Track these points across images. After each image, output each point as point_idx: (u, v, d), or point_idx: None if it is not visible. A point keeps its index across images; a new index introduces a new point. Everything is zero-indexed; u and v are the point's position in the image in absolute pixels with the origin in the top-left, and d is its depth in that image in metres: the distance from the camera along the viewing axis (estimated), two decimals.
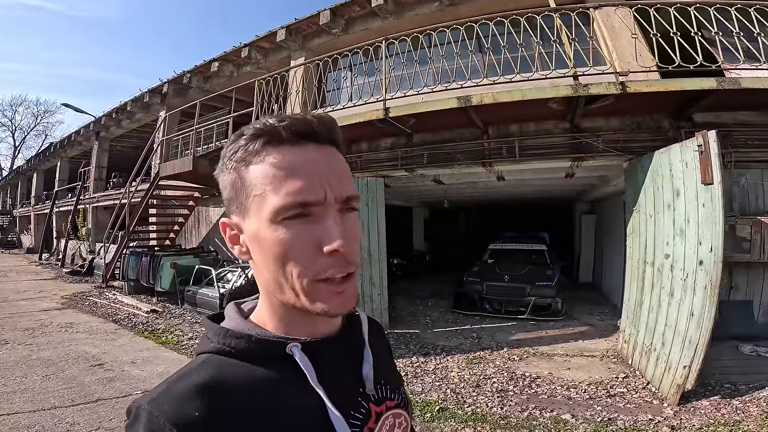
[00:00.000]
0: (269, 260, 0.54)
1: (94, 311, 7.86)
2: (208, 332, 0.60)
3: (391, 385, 0.69)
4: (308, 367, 0.56)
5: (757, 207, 4.96)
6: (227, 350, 0.57)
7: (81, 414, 3.62)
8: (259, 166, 0.54)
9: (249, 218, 0.56)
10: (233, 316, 0.62)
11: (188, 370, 0.55)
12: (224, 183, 0.58)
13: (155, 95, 11.69)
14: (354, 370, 0.65)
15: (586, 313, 7.20)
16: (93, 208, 15.58)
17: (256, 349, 0.57)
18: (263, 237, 0.54)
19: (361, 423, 0.60)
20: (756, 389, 3.69)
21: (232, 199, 0.57)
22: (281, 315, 0.59)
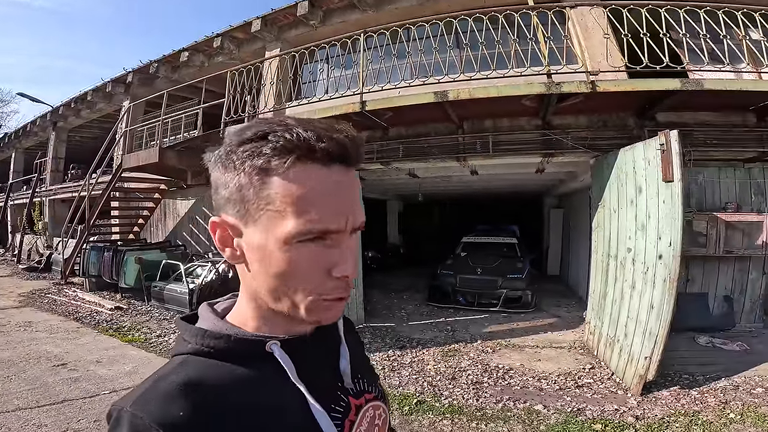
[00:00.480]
0: (271, 274, 0.53)
1: (53, 309, 7.46)
2: (184, 334, 0.59)
3: (367, 379, 0.70)
4: (288, 364, 0.56)
5: (713, 203, 5.27)
6: (206, 351, 0.56)
7: (47, 415, 3.50)
8: (283, 181, 0.50)
9: (254, 228, 0.53)
10: (209, 317, 0.61)
11: (167, 371, 0.54)
12: (225, 181, 0.53)
13: (118, 85, 11.14)
14: (331, 365, 0.66)
15: (554, 305, 7.46)
16: (50, 201, 14.86)
17: (236, 348, 0.56)
18: (270, 253, 0.52)
19: (342, 416, 0.61)
20: (712, 380, 3.91)
21: (234, 201, 0.53)
22: (265, 316, 0.59)
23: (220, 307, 0.66)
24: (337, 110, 5.31)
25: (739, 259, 5.20)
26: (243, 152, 0.51)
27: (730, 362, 4.27)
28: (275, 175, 0.50)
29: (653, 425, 3.20)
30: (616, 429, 3.17)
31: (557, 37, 4.78)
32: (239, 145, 0.51)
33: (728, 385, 3.79)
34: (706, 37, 4.21)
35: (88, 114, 13.52)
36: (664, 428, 3.15)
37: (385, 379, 4.34)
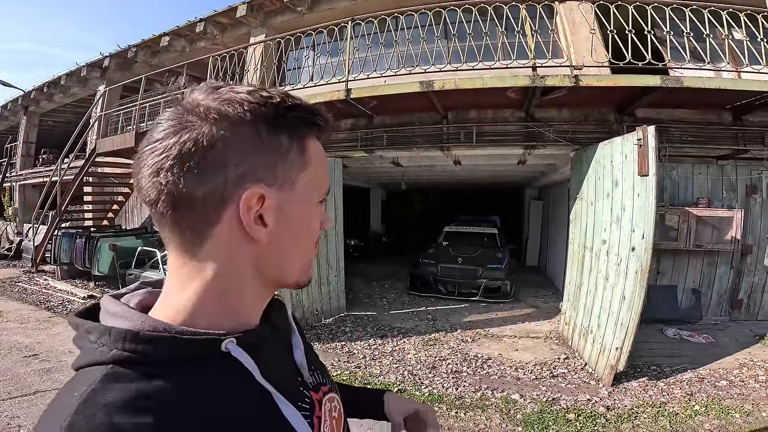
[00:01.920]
0: (301, 237, 0.55)
1: (24, 298, 7.21)
2: (100, 338, 0.46)
3: (320, 369, 0.68)
4: (250, 364, 0.50)
5: (685, 198, 5.44)
6: (136, 358, 0.44)
7: (19, 407, 3.43)
8: (317, 148, 0.56)
9: (290, 192, 0.52)
10: (131, 315, 0.48)
11: (90, 388, 0.41)
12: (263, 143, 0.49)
13: (94, 69, 10.78)
14: (286, 357, 0.62)
15: (531, 295, 7.63)
16: (20, 186, 14.49)
17: (182, 351, 0.46)
18: (308, 214, 0.55)
19: (309, 413, 0.58)
20: (679, 371, 4.07)
21: (275, 168, 0.50)
22: (231, 305, 0.52)
23: (133, 301, 0.54)
24: (322, 97, 5.22)
25: (708, 254, 5.41)
26: (297, 118, 0.52)
27: (697, 354, 4.45)
28: (314, 139, 0.55)
29: (623, 416, 3.32)
30: (588, 419, 3.29)
31: (544, 31, 4.79)
32: (289, 110, 0.51)
33: (694, 377, 3.96)
34: (689, 35, 4.28)
35: (61, 99, 13.15)
36: (633, 419, 3.28)
37: (366, 368, 4.37)
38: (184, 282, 0.50)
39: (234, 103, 0.48)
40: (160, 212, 0.48)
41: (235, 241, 0.50)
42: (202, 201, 0.47)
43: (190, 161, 0.46)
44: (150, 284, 0.59)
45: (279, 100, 0.50)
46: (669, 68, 4.63)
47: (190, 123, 0.47)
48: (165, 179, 0.46)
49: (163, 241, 0.52)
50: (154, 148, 0.47)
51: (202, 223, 0.49)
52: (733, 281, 5.50)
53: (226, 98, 0.48)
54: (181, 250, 0.50)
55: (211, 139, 0.46)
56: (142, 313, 0.49)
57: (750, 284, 5.48)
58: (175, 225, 0.49)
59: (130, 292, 0.57)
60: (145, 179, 0.48)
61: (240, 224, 0.49)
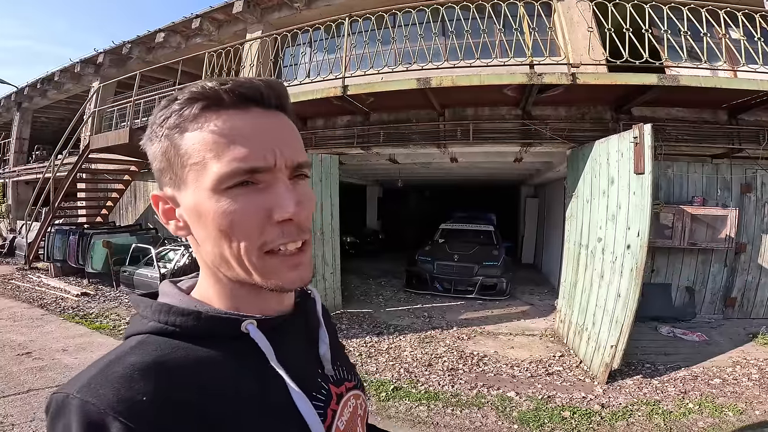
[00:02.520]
0: (213, 234, 0.50)
1: (17, 296, 7.13)
2: (144, 310, 0.53)
3: (346, 367, 0.68)
4: (266, 346, 0.52)
5: (680, 196, 5.47)
6: (169, 330, 0.50)
7: (12, 405, 3.40)
8: (197, 132, 0.49)
9: (186, 190, 0.51)
10: (173, 293, 0.56)
11: (121, 352, 0.47)
12: (154, 152, 0.53)
13: (88, 65, 10.70)
14: (310, 349, 0.62)
15: (527, 293, 7.66)
16: (13, 183, 14.41)
17: (206, 327, 0.51)
18: (205, 209, 0.49)
19: (324, 404, 0.58)
20: (673, 369, 4.10)
21: (165, 170, 0.52)
22: (230, 292, 0.55)
23: (185, 285, 0.61)
24: (318, 94, 5.21)
25: (703, 252, 5.45)
26: (159, 119, 0.51)
27: (690, 352, 4.48)
28: (189, 131, 0.49)
29: (617, 413, 3.34)
30: (583, 416, 3.30)
31: (542, 29, 4.78)
32: (156, 115, 0.52)
33: (687, 375, 3.99)
34: (687, 34, 4.28)
35: (54, 95, 13.06)
36: (627, 417, 3.30)
37: (362, 365, 4.37)
38: (201, 268, 0.58)
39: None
40: None
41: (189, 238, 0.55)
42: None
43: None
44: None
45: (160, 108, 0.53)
46: (666, 67, 4.64)
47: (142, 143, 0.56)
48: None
49: None
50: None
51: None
52: (726, 279, 5.54)
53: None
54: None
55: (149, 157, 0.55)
56: (182, 293, 0.57)
57: (744, 282, 5.52)
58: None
59: (187, 278, 0.64)
60: None
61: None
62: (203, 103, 0.49)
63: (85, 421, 0.41)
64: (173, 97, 0.51)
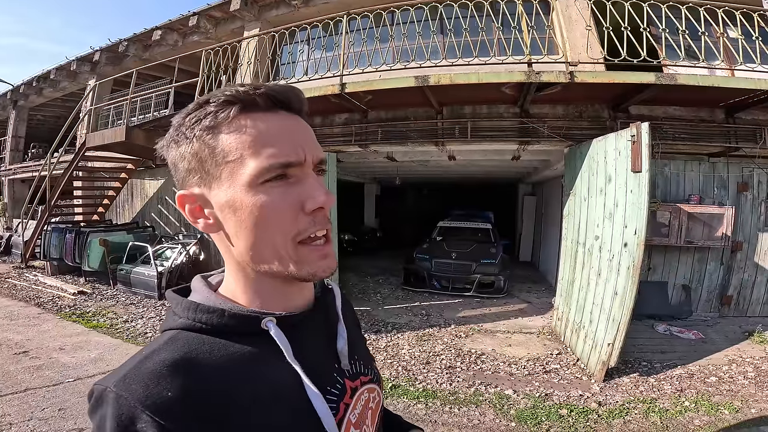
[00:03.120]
0: (249, 227, 0.53)
1: (13, 294, 7.12)
2: (176, 307, 0.57)
3: (364, 361, 0.70)
4: (284, 343, 0.55)
5: (677, 195, 5.48)
6: (198, 326, 0.54)
7: (10, 405, 3.39)
8: (234, 133, 0.53)
9: (220, 187, 0.54)
10: (202, 290, 0.60)
11: (155, 347, 0.51)
12: (182, 154, 0.55)
13: (84, 63, 10.63)
14: (329, 344, 0.65)
15: (525, 290, 7.68)
16: (9, 181, 14.32)
17: (230, 324, 0.54)
18: (242, 203, 0.53)
19: (337, 398, 0.60)
20: (669, 368, 4.12)
21: (194, 170, 0.55)
22: (256, 288, 0.58)
23: (215, 280, 0.64)
24: (316, 92, 5.18)
25: (699, 250, 5.47)
26: (190, 121, 0.54)
27: (686, 350, 4.51)
28: (225, 131, 0.53)
29: (614, 411, 3.36)
30: (580, 414, 3.32)
31: (540, 27, 4.78)
32: (185, 117, 0.55)
33: (684, 373, 4.01)
34: (685, 33, 4.28)
35: (50, 93, 12.96)
36: (624, 414, 3.31)
37: None
38: (227, 265, 0.60)
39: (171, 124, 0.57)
40: None
41: (214, 236, 0.58)
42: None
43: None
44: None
45: (186, 110, 0.56)
46: (663, 66, 4.64)
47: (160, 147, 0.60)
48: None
49: None
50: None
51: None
52: (723, 278, 5.57)
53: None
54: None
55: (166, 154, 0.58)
56: (209, 290, 0.60)
57: (740, 281, 5.55)
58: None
59: (217, 273, 0.66)
60: None
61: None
62: (240, 106, 0.53)
63: (118, 413, 0.45)
64: (204, 100, 0.54)
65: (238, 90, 0.53)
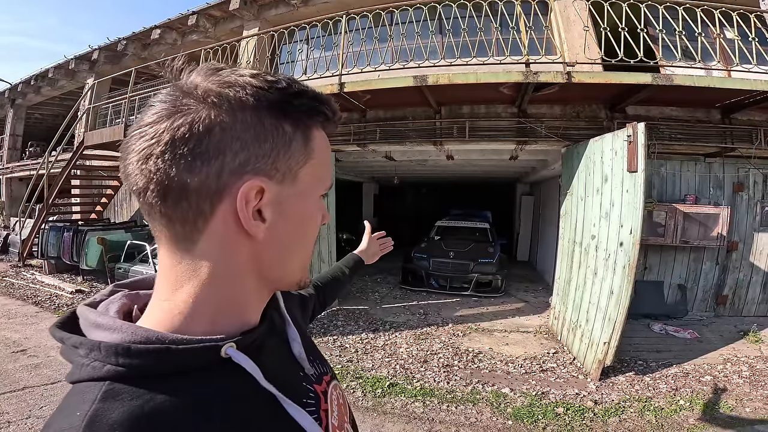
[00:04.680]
0: (301, 235, 0.52)
1: (11, 293, 7.10)
2: (90, 353, 0.43)
3: (319, 358, 0.66)
4: (252, 368, 0.47)
5: (673, 195, 5.51)
6: (132, 373, 0.42)
7: (8, 403, 3.41)
8: (322, 140, 0.52)
9: (293, 187, 0.48)
10: (114, 325, 0.44)
11: (93, 408, 0.39)
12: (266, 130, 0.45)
13: (83, 62, 10.65)
14: (287, 352, 0.60)
15: (522, 290, 7.71)
16: (7, 180, 14.37)
17: (181, 361, 0.43)
18: (309, 210, 0.52)
19: (315, 408, 0.57)
20: (664, 366, 4.15)
21: (277, 160, 0.46)
22: (238, 304, 0.50)
23: (113, 309, 0.49)
24: None
25: (695, 250, 5.50)
26: (301, 105, 0.48)
27: (682, 349, 4.54)
28: (320, 131, 0.52)
29: (610, 410, 3.39)
30: (576, 413, 3.35)
31: (538, 27, 4.81)
32: (295, 97, 0.47)
33: (679, 372, 4.04)
34: (681, 33, 4.31)
35: (49, 91, 12.98)
36: (619, 413, 3.34)
37: (358, 361, 4.40)
38: (178, 282, 0.47)
39: (236, 86, 0.44)
40: (149, 203, 0.44)
41: (231, 237, 0.46)
42: (196, 192, 0.43)
43: (183, 148, 0.42)
44: (123, 286, 0.55)
45: (285, 85, 0.46)
46: (660, 66, 4.67)
47: (185, 106, 0.43)
48: (155, 166, 0.42)
49: (153, 235, 0.48)
50: (143, 132, 0.43)
51: (195, 216, 0.45)
52: (718, 277, 5.60)
53: (227, 81, 0.45)
54: (173, 247, 0.47)
55: (208, 125, 0.43)
56: (131, 323, 0.46)
57: (735, 280, 5.59)
58: (165, 217, 0.45)
59: (104, 298, 0.52)
60: (132, 165, 0.44)
61: (236, 219, 0.45)
62: (331, 117, 0.52)
63: None
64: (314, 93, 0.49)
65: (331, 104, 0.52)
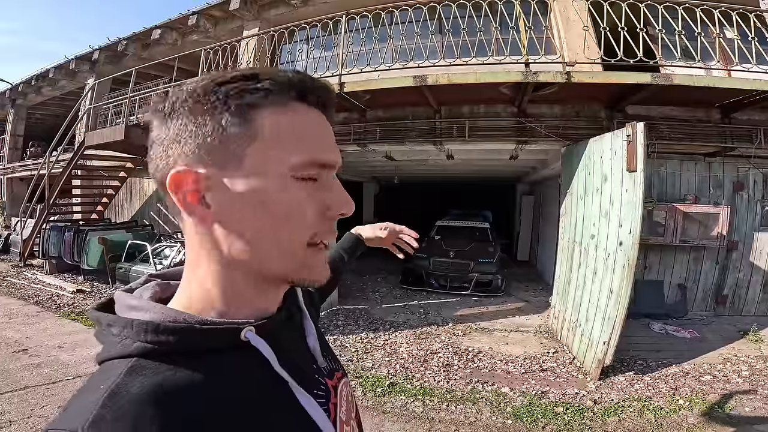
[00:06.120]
0: (269, 223, 0.47)
1: (12, 293, 7.13)
2: (123, 330, 0.46)
3: (331, 355, 0.68)
4: (269, 352, 0.50)
5: (673, 194, 5.51)
6: (160, 349, 0.44)
7: (9, 402, 3.42)
8: (282, 117, 0.48)
9: (241, 172, 0.47)
10: (147, 306, 0.49)
11: (117, 381, 0.41)
12: (198, 124, 0.46)
13: (84, 62, 10.66)
14: (302, 344, 0.62)
15: (522, 289, 7.71)
16: (8, 180, 14.37)
17: (203, 341, 0.47)
18: (271, 195, 0.47)
19: (325, 400, 0.58)
20: (664, 366, 4.15)
21: (210, 147, 0.46)
22: (236, 295, 0.51)
23: (146, 294, 0.53)
24: None
25: (695, 249, 5.51)
26: (228, 90, 0.46)
27: (682, 349, 4.54)
28: (270, 112, 0.47)
29: (609, 409, 3.39)
30: (576, 412, 3.35)
31: (538, 27, 4.81)
32: (220, 85, 0.47)
33: (679, 371, 4.04)
34: (681, 33, 4.31)
35: (49, 91, 12.99)
36: (619, 412, 3.34)
37: (359, 361, 4.40)
38: (190, 271, 0.51)
39: (183, 88, 0.48)
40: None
41: (195, 226, 0.49)
42: (161, 184, 0.48)
43: (152, 144, 0.49)
44: (157, 276, 0.59)
45: (216, 76, 0.48)
46: (660, 66, 4.67)
47: (155, 110, 0.49)
48: (149, 159, 0.50)
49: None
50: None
51: (173, 209, 0.49)
52: (718, 277, 5.60)
53: (186, 87, 0.48)
54: (184, 238, 0.52)
55: (157, 123, 0.48)
56: (162, 305, 0.49)
57: (735, 280, 5.59)
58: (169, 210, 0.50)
59: (139, 286, 0.56)
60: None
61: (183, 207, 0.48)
62: (293, 93, 0.49)
63: None
64: (250, 74, 0.48)
65: (293, 78, 0.49)
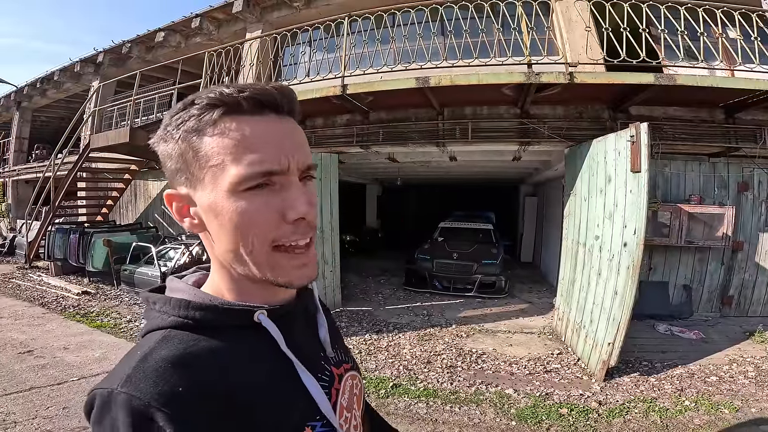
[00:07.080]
0: (229, 232, 0.53)
1: (18, 294, 7.17)
2: (162, 306, 0.57)
3: (344, 350, 0.74)
4: (277, 333, 0.56)
5: (678, 195, 5.49)
6: (190, 323, 0.54)
7: (15, 403, 3.43)
8: (217, 137, 0.51)
9: (203, 189, 0.54)
10: (185, 288, 0.60)
11: (151, 347, 0.51)
12: (168, 153, 0.55)
13: (88, 65, 10.75)
14: (313, 334, 0.68)
15: (526, 291, 7.69)
16: (13, 182, 14.45)
17: (223, 319, 0.55)
18: (222, 208, 0.52)
19: (328, 384, 0.63)
20: (669, 367, 4.13)
21: (180, 170, 0.55)
22: (241, 287, 0.58)
23: (190, 280, 0.65)
24: (318, 93, 5.23)
25: (700, 250, 5.48)
26: (176, 121, 0.53)
27: (687, 350, 4.51)
28: (208, 134, 0.52)
29: (614, 410, 3.37)
30: (580, 413, 3.33)
31: (540, 28, 4.81)
32: (172, 117, 0.54)
33: (684, 372, 4.02)
34: (684, 33, 4.30)
35: (54, 94, 13.08)
36: (624, 414, 3.32)
37: (362, 362, 4.40)
38: (212, 263, 0.61)
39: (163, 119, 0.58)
40: None
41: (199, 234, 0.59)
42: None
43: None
44: (204, 268, 0.69)
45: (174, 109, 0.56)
46: (663, 66, 4.65)
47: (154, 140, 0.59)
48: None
49: None
50: None
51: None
52: (723, 278, 5.57)
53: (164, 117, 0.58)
54: None
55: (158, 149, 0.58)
56: (196, 288, 0.60)
57: (740, 281, 5.55)
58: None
59: (186, 274, 0.68)
60: None
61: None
62: (223, 109, 0.52)
63: (131, 413, 0.44)
64: (190, 101, 0.54)
65: (223, 92, 0.52)
